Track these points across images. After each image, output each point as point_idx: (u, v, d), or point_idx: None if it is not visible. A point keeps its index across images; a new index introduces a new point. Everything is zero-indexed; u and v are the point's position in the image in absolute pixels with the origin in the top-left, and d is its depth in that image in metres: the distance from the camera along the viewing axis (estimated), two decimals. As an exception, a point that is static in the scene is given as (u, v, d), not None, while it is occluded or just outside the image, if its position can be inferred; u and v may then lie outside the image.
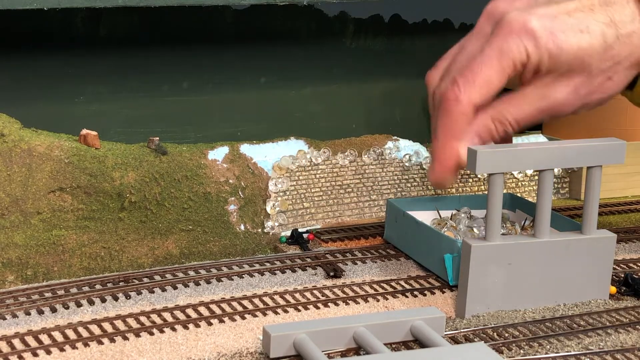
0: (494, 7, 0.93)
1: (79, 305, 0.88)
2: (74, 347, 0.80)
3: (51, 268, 0.94)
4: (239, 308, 0.89)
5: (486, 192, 0.92)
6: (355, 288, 0.95)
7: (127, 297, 0.90)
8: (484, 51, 0.90)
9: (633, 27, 0.91)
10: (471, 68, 0.90)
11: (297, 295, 0.92)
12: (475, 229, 1.03)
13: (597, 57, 0.91)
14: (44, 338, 0.82)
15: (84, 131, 0.98)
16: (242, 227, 1.04)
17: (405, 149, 1.15)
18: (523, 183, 1.22)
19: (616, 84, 0.93)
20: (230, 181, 1.03)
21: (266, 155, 1.07)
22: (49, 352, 0.79)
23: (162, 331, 0.84)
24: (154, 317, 0.86)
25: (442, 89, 0.91)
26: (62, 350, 0.80)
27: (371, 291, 0.94)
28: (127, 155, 0.98)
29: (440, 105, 0.90)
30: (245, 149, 1.06)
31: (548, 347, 0.84)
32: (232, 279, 0.95)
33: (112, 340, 0.82)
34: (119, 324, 0.85)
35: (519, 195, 1.14)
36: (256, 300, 0.91)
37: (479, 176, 1.20)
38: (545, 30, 0.89)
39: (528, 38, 0.89)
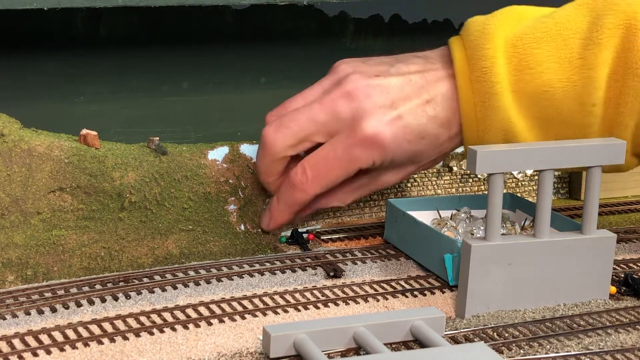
0: (351, 83, 0.99)
1: (79, 305, 0.88)
2: (74, 347, 0.80)
3: (51, 268, 0.94)
4: (239, 308, 0.89)
5: (486, 192, 0.92)
6: (355, 288, 0.95)
7: (127, 297, 0.90)
8: (335, 150, 0.97)
9: (453, 119, 1.00)
10: (321, 164, 0.98)
11: (297, 295, 0.92)
12: (475, 232, 1.03)
13: (428, 153, 1.01)
14: (44, 338, 0.82)
15: (84, 131, 0.98)
16: (242, 227, 1.04)
17: (405, 149, 1.15)
18: (523, 183, 1.22)
19: (436, 163, 1.07)
20: (230, 181, 1.03)
21: (266, 155, 1.07)
22: (49, 352, 0.79)
23: (162, 331, 0.84)
24: (154, 317, 0.86)
25: (291, 173, 0.99)
26: (62, 350, 0.80)
27: (371, 291, 0.94)
28: (127, 155, 0.99)
29: (288, 182, 0.99)
30: (245, 149, 1.06)
31: (548, 347, 0.84)
32: (232, 279, 0.95)
33: (112, 340, 0.82)
34: (119, 324, 0.85)
35: (519, 195, 1.14)
36: (256, 300, 0.91)
37: (479, 176, 1.20)
38: (395, 140, 0.97)
39: (378, 151, 0.97)
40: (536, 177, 1.21)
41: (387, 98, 0.97)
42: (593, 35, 0.95)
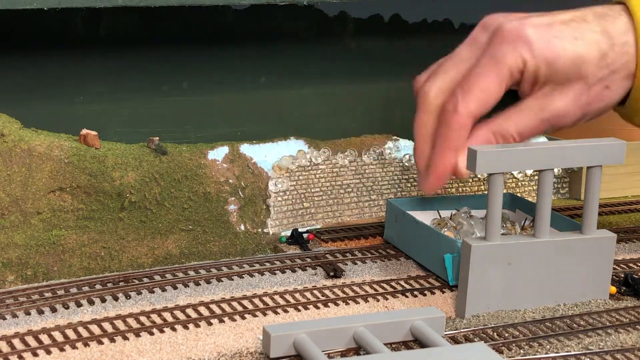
0: (489, 19, 0.95)
1: (79, 305, 0.88)
2: (74, 347, 0.80)
3: (51, 268, 0.94)
4: (239, 308, 0.89)
5: (486, 192, 0.92)
6: (355, 288, 0.95)
7: (127, 297, 0.90)
8: (480, 61, 0.91)
9: (626, 38, 0.92)
10: (468, 79, 0.91)
11: (297, 295, 0.92)
12: (474, 232, 1.03)
13: (593, 65, 0.92)
14: (44, 338, 0.82)
15: (84, 131, 0.98)
16: (242, 227, 1.04)
17: (405, 149, 1.15)
18: (523, 183, 1.22)
19: (614, 92, 0.94)
20: (230, 181, 1.03)
21: (266, 155, 1.07)
22: (49, 352, 0.79)
23: (162, 331, 0.84)
24: (154, 317, 0.86)
25: (443, 106, 0.92)
26: (62, 350, 0.80)
27: (371, 291, 0.94)
28: (127, 155, 0.99)
29: (440, 117, 0.92)
30: (245, 149, 1.06)
31: (548, 347, 0.84)
32: (232, 279, 0.95)
33: (112, 340, 0.82)
34: (119, 324, 0.85)
35: (519, 195, 1.14)
36: (256, 300, 0.91)
37: (479, 176, 1.20)
38: (541, 38, 0.90)
39: (523, 46, 0.90)
40: (536, 177, 1.22)
41: (541, 19, 0.93)
42: None
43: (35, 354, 0.79)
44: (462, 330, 0.86)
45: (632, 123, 0.98)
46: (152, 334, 0.83)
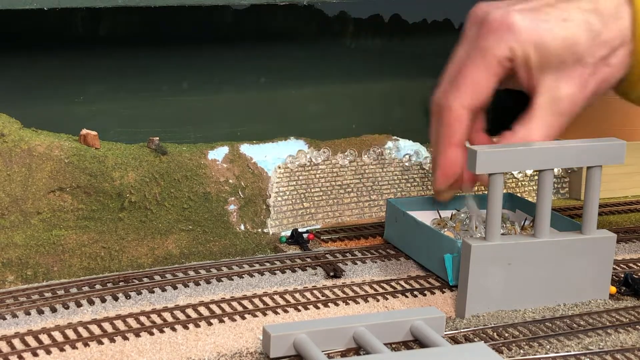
0: (475, 11, 0.94)
1: (79, 305, 0.88)
2: (74, 347, 0.80)
3: (51, 268, 0.94)
4: (239, 308, 0.89)
5: (486, 192, 0.92)
6: (355, 288, 0.95)
7: (127, 297, 0.90)
8: (469, 54, 0.91)
9: (620, 14, 0.90)
10: (458, 73, 0.91)
11: (297, 295, 0.92)
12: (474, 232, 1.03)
13: (585, 45, 0.90)
14: (44, 338, 0.82)
15: (84, 131, 0.98)
16: (242, 227, 1.04)
17: (405, 148, 1.15)
18: (523, 183, 1.22)
19: (615, 70, 0.92)
20: (230, 181, 1.03)
21: (266, 155, 1.07)
22: (49, 352, 0.79)
23: (162, 331, 0.84)
24: (154, 317, 0.86)
25: (436, 99, 0.92)
26: (62, 350, 0.80)
27: (371, 291, 0.94)
28: (127, 155, 0.99)
29: (438, 116, 0.92)
30: (245, 149, 1.06)
31: (548, 347, 0.84)
32: (232, 279, 0.95)
33: (112, 340, 0.82)
34: (119, 324, 0.85)
35: (519, 195, 1.14)
36: (256, 300, 0.91)
37: (479, 176, 1.20)
38: (526, 23, 0.89)
39: (509, 34, 0.89)
40: (536, 177, 1.21)
41: (527, 4, 0.91)
42: None
43: (35, 354, 0.79)
44: (462, 330, 0.86)
45: (628, 99, 0.96)
46: (152, 334, 0.83)
